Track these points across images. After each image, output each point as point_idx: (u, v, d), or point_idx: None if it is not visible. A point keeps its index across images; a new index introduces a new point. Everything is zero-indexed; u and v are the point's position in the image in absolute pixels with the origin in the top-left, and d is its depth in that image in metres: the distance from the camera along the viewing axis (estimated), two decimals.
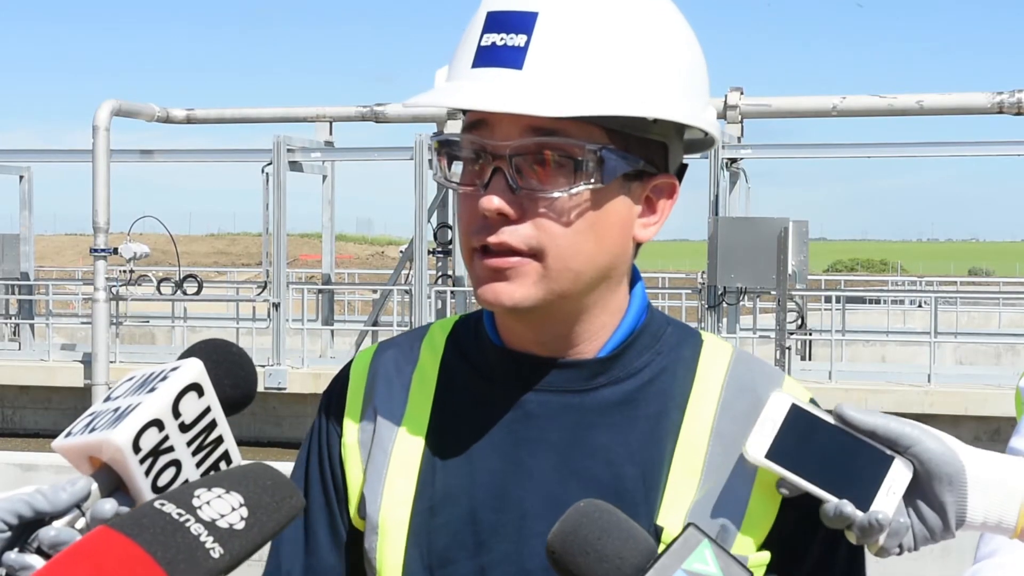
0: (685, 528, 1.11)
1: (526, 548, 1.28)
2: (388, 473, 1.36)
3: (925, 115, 14.29)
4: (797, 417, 1.24)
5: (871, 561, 1.28)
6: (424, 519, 1.33)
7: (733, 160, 14.79)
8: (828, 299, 19.01)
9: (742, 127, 14.70)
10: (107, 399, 1.11)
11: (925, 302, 22.46)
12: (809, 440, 1.23)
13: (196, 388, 1.09)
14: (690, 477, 1.30)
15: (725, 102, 14.42)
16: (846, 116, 14.46)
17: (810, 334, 17.03)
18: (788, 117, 14.97)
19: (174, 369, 1.09)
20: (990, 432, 13.96)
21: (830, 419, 1.24)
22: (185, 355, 1.15)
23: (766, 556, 1.30)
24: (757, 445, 1.23)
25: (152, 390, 1.07)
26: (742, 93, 14.52)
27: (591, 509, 1.11)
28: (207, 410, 1.09)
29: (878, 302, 25.48)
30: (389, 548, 1.34)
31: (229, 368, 1.16)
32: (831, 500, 1.20)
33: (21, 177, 18.05)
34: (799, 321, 16.14)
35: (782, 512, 1.29)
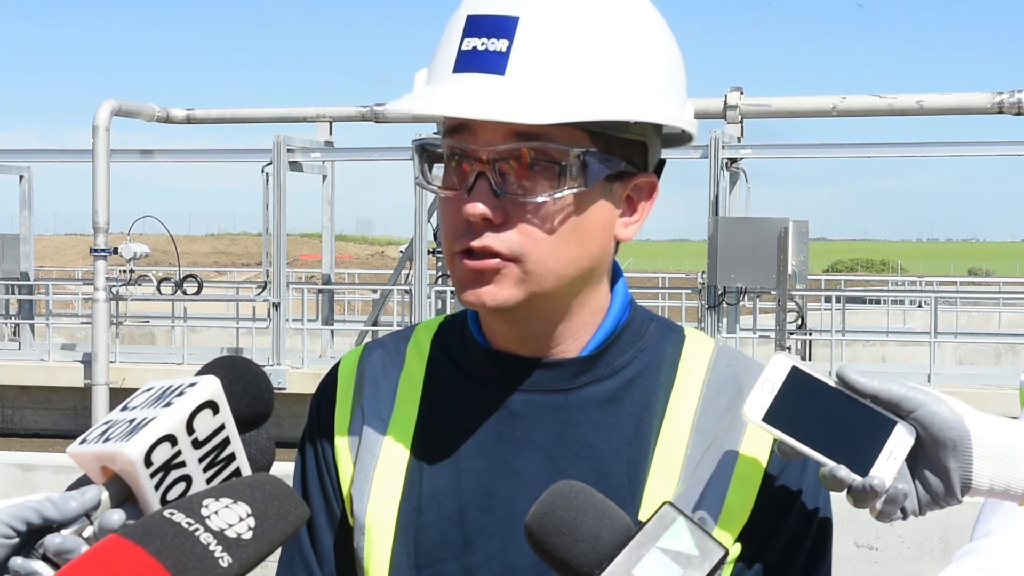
0: (660, 506, 1.10)
1: (513, 547, 1.29)
2: (375, 473, 1.37)
3: (925, 115, 14.26)
4: (797, 380, 1.21)
5: (873, 561, 1.27)
6: (411, 519, 1.34)
7: (733, 160, 14.78)
8: (828, 299, 19.01)
9: (742, 127, 14.68)
10: (124, 408, 1.11)
11: (925, 302, 22.48)
12: (809, 403, 1.20)
13: (212, 405, 1.09)
14: (670, 474, 1.31)
15: (725, 102, 14.40)
16: (846, 116, 14.44)
17: (810, 334, 17.04)
18: (788, 117, 14.95)
19: (191, 385, 1.10)
20: None
21: (832, 383, 1.22)
22: (204, 371, 1.15)
23: (738, 548, 1.31)
24: (755, 407, 1.20)
25: (168, 405, 1.08)
26: (742, 93, 14.51)
27: (567, 490, 1.12)
28: (221, 427, 1.10)
29: (878, 302, 25.49)
30: (376, 547, 1.35)
31: (246, 387, 1.17)
32: (827, 463, 1.18)
33: (21, 177, 18.04)
34: (799, 321, 16.16)
35: (756, 506, 1.30)
